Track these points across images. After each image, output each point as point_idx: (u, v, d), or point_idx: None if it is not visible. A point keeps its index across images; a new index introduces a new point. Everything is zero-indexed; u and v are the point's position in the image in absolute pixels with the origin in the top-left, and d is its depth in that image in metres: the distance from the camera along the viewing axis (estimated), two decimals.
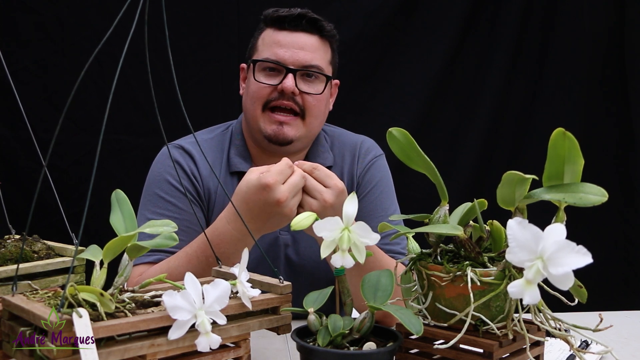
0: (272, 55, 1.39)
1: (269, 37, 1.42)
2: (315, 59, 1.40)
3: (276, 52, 1.39)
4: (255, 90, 1.40)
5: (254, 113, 1.41)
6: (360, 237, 0.80)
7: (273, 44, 1.40)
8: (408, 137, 0.90)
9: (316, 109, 1.42)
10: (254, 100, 1.41)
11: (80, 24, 2.12)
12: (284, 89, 1.37)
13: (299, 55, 1.39)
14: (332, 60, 1.47)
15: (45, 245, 1.03)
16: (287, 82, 1.37)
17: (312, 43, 1.41)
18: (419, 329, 0.78)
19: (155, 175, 1.42)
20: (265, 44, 1.42)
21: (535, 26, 2.38)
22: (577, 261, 0.67)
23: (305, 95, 1.39)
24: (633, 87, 2.35)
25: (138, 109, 2.15)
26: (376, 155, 1.54)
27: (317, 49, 1.42)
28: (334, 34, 1.46)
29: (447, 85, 2.38)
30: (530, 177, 0.80)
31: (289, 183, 1.13)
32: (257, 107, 1.40)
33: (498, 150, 2.41)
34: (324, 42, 1.44)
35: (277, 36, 1.40)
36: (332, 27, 1.45)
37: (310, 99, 1.40)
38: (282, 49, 1.39)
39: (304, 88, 1.39)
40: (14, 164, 2.11)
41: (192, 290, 0.75)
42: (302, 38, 1.40)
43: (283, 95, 1.38)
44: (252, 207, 1.13)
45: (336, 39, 1.48)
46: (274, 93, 1.39)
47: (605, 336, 0.87)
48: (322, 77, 1.42)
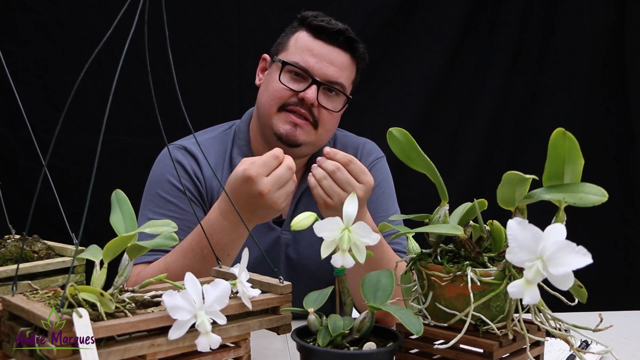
0: (302, 62, 1.39)
1: (302, 41, 1.41)
2: (342, 77, 1.41)
3: (307, 60, 1.39)
4: (275, 89, 1.40)
5: (269, 111, 1.41)
6: (360, 237, 0.80)
7: (306, 50, 1.40)
8: (408, 137, 0.90)
9: (329, 123, 1.43)
10: (271, 98, 1.41)
11: (80, 24, 2.12)
12: (305, 98, 1.38)
13: (328, 69, 1.39)
14: (354, 80, 1.48)
15: (45, 245, 1.03)
16: (309, 93, 1.38)
17: (343, 61, 1.41)
18: (419, 329, 0.78)
19: (157, 176, 1.42)
20: (298, 47, 1.41)
21: (535, 26, 2.38)
22: (577, 261, 0.67)
23: (322, 109, 1.40)
24: (633, 87, 2.35)
25: (138, 109, 2.15)
26: (377, 157, 1.55)
27: (346, 68, 1.42)
28: (365, 57, 1.47)
29: (447, 85, 2.38)
30: (530, 177, 0.80)
31: (273, 175, 1.13)
32: (273, 106, 1.40)
33: (498, 150, 2.41)
34: (353, 63, 1.45)
35: (312, 44, 1.40)
36: (364, 49, 1.46)
37: (326, 113, 1.41)
38: (314, 58, 1.39)
39: (323, 102, 1.40)
40: (14, 164, 2.11)
41: (192, 290, 0.75)
42: (335, 54, 1.40)
43: (302, 103, 1.39)
44: (237, 198, 1.13)
45: (366, 62, 1.49)
46: (293, 98, 1.39)
47: (605, 336, 0.87)
48: (342, 95, 1.43)
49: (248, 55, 2.17)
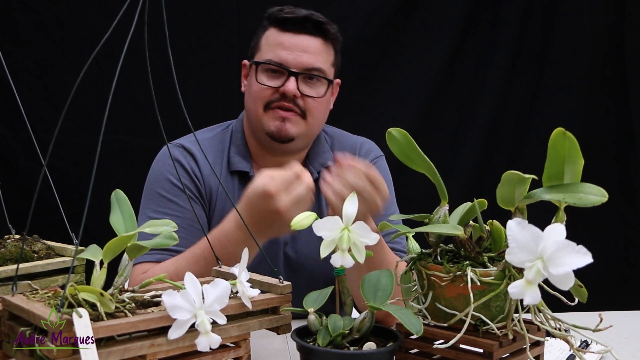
0: (275, 57, 1.39)
1: (272, 38, 1.41)
2: (318, 61, 1.40)
3: (279, 54, 1.38)
4: (256, 91, 1.40)
5: (256, 112, 1.41)
6: (360, 237, 0.80)
7: (276, 45, 1.39)
8: (408, 137, 0.90)
9: (317, 111, 1.42)
10: (255, 100, 1.41)
11: (80, 24, 2.12)
12: (285, 92, 1.37)
13: (302, 58, 1.38)
14: (334, 62, 1.47)
15: (45, 245, 1.03)
16: (289, 85, 1.37)
17: (315, 46, 1.40)
18: (419, 329, 0.78)
19: (157, 175, 1.42)
20: (269, 44, 1.41)
21: (535, 26, 2.38)
22: (577, 261, 0.67)
23: (306, 98, 1.39)
24: (633, 87, 2.35)
25: (138, 109, 2.15)
26: (376, 157, 1.55)
27: (321, 52, 1.41)
28: (337, 37, 1.46)
29: (447, 85, 2.38)
30: (530, 177, 0.80)
31: (293, 195, 1.13)
32: (259, 107, 1.40)
33: (498, 150, 2.41)
34: (328, 45, 1.44)
35: (281, 37, 1.40)
36: (336, 29, 1.45)
37: (312, 102, 1.40)
38: (286, 51, 1.38)
39: (306, 91, 1.39)
40: (14, 164, 2.11)
41: (192, 290, 0.75)
42: (305, 41, 1.39)
43: (284, 97, 1.38)
44: (254, 212, 1.14)
45: (340, 40, 1.47)
46: (275, 94, 1.39)
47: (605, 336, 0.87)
48: (324, 80, 1.42)
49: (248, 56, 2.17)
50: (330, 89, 1.45)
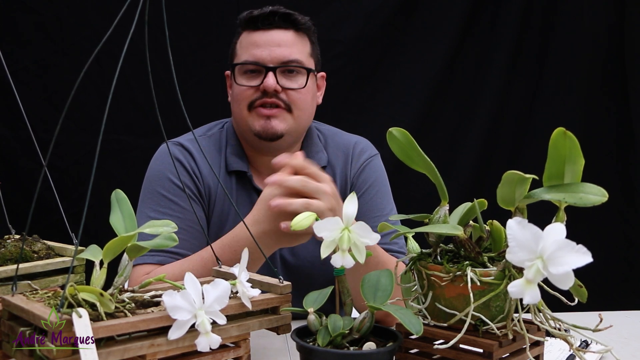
0: (250, 57, 1.39)
1: (245, 40, 1.42)
2: (293, 53, 1.39)
3: (253, 53, 1.39)
4: (238, 93, 1.41)
5: (241, 114, 1.41)
6: (360, 237, 0.80)
7: (250, 46, 1.40)
8: (408, 137, 0.90)
9: (302, 102, 1.41)
10: (238, 102, 1.41)
11: (80, 24, 2.12)
12: (265, 88, 1.37)
13: (276, 52, 1.38)
14: (312, 53, 1.46)
15: (45, 245, 1.03)
16: (268, 81, 1.37)
17: (288, 38, 1.40)
18: (418, 329, 0.78)
19: (156, 173, 1.41)
20: (243, 46, 1.42)
21: (535, 26, 2.38)
22: (577, 260, 0.67)
23: (288, 91, 1.39)
24: (633, 87, 2.35)
25: (138, 109, 2.15)
26: (371, 156, 1.53)
27: (294, 44, 1.41)
28: (309, 26, 1.45)
29: (447, 85, 2.38)
30: (530, 177, 0.80)
31: None
32: (243, 109, 1.40)
33: (498, 150, 2.41)
34: (301, 36, 1.43)
35: (253, 37, 1.40)
36: (307, 19, 1.44)
37: (294, 94, 1.40)
38: (259, 48, 1.39)
39: (286, 84, 1.39)
40: (14, 164, 2.11)
41: (192, 290, 0.75)
42: (277, 35, 1.40)
43: (266, 94, 1.38)
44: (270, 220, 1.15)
45: (313, 30, 1.47)
46: (257, 93, 1.38)
47: (605, 336, 0.87)
48: (303, 70, 1.41)
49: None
50: (314, 80, 1.45)
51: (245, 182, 1.44)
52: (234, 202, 1.40)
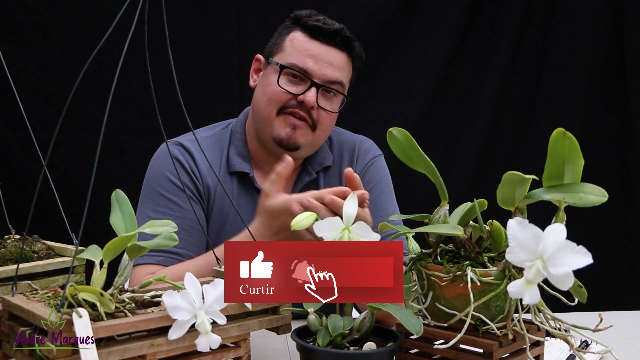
0: (300, 63, 1.37)
1: (299, 42, 1.40)
2: (341, 76, 1.40)
3: (305, 62, 1.37)
4: (274, 93, 1.39)
5: (268, 115, 1.39)
6: (360, 237, 0.80)
7: (303, 52, 1.38)
8: (408, 137, 0.90)
9: (327, 125, 1.42)
10: (270, 102, 1.39)
11: (80, 24, 2.11)
12: (305, 101, 1.36)
13: (327, 70, 1.38)
14: (351, 79, 1.48)
15: (45, 245, 1.03)
16: (309, 95, 1.36)
17: (340, 60, 1.40)
18: (419, 329, 0.78)
19: (156, 173, 1.41)
20: (295, 48, 1.39)
21: (535, 26, 2.38)
22: (577, 261, 0.67)
23: (321, 110, 1.39)
24: (633, 87, 2.35)
25: (138, 109, 2.14)
26: (375, 156, 1.54)
27: (344, 68, 1.42)
28: (361, 56, 1.46)
29: (447, 85, 2.37)
30: (530, 177, 0.80)
31: None
32: (273, 110, 1.39)
33: (498, 151, 2.41)
34: (350, 62, 1.44)
35: (309, 45, 1.39)
36: (360, 47, 1.45)
37: (325, 115, 1.40)
38: (312, 59, 1.37)
39: (323, 104, 1.39)
40: (14, 164, 2.11)
41: (192, 290, 0.75)
42: (332, 54, 1.39)
43: (301, 106, 1.37)
44: (274, 223, 1.16)
45: (362, 60, 1.48)
46: (292, 101, 1.38)
47: (605, 336, 0.87)
48: (339, 95, 1.42)
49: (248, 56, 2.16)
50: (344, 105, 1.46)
51: (247, 183, 1.44)
52: (235, 202, 1.40)
